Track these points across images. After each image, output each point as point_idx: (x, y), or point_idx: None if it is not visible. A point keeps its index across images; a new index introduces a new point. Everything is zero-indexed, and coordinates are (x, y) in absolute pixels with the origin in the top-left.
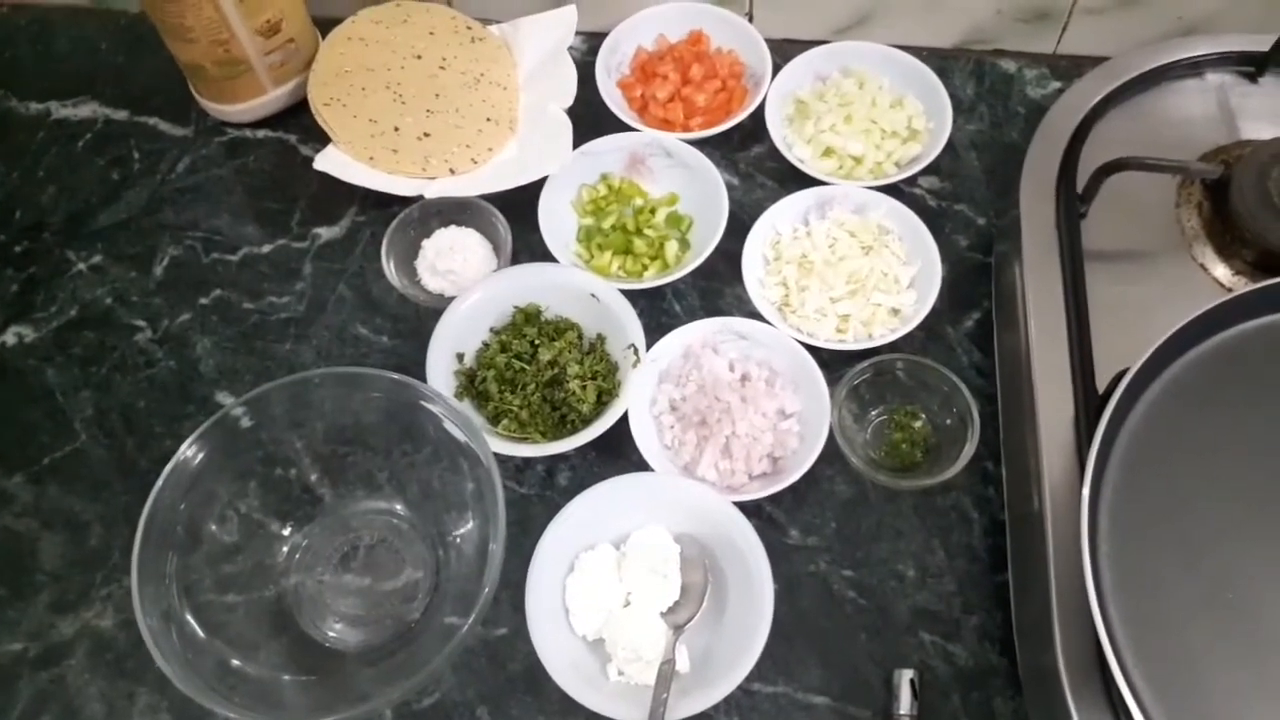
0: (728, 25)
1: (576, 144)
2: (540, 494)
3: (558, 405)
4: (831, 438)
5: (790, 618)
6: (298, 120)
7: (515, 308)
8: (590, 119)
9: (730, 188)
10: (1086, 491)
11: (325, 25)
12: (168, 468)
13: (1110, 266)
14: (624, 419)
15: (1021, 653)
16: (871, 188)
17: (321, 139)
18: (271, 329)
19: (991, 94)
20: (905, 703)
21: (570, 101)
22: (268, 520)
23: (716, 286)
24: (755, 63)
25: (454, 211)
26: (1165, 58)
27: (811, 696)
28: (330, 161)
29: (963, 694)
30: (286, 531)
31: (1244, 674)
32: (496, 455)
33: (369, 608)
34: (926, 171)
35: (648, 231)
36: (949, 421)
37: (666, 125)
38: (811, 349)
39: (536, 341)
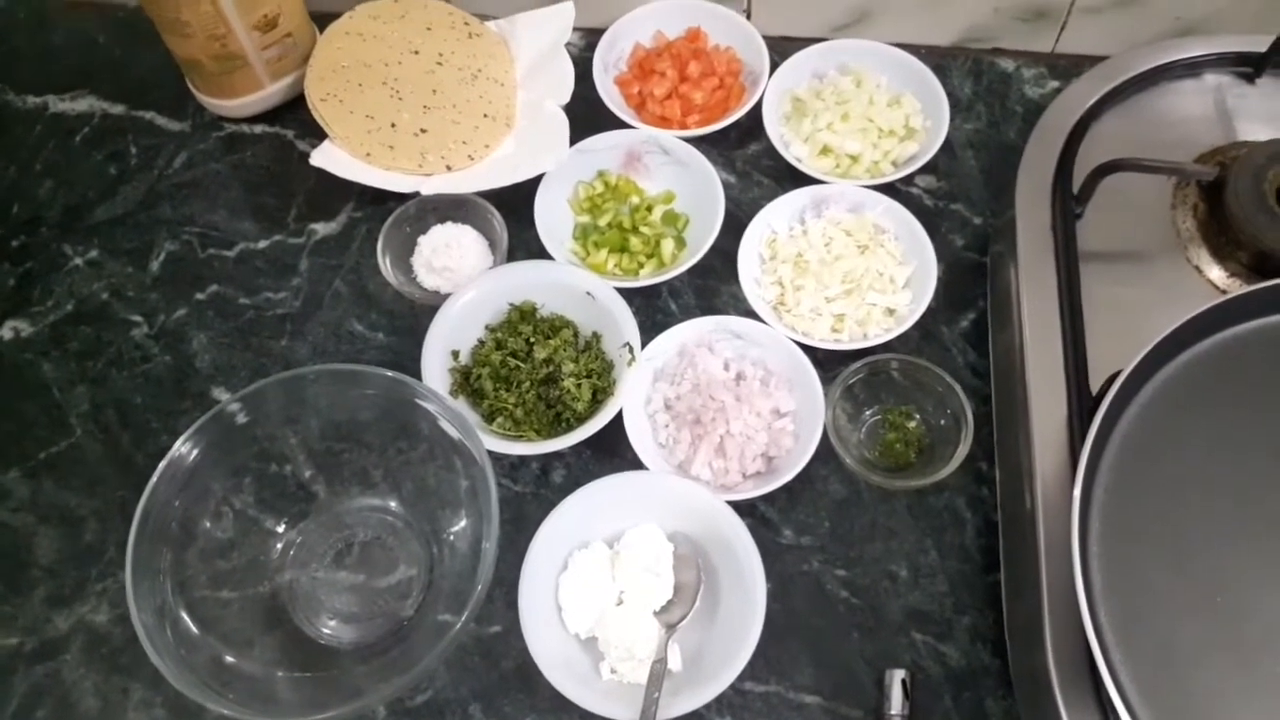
0: (726, 22)
1: (573, 141)
2: (535, 492)
3: (553, 403)
4: (826, 437)
5: (783, 617)
6: (295, 115)
7: (511, 305)
8: (587, 116)
9: (727, 186)
10: (1078, 492)
11: (323, 20)
12: (163, 463)
13: (1105, 268)
14: (619, 417)
15: (1013, 653)
16: (868, 186)
17: (318, 134)
18: (267, 325)
19: (989, 93)
20: (897, 703)
21: (567, 98)
22: (262, 516)
23: (712, 285)
24: (753, 60)
25: (450, 208)
26: (1163, 58)
27: (803, 696)
28: (327, 157)
29: (954, 694)
30: (281, 528)
31: (1232, 675)
32: (491, 453)
33: (363, 604)
34: (923, 170)
35: (644, 229)
36: (943, 422)
37: (664, 122)
38: (806, 348)
39: (532, 339)
